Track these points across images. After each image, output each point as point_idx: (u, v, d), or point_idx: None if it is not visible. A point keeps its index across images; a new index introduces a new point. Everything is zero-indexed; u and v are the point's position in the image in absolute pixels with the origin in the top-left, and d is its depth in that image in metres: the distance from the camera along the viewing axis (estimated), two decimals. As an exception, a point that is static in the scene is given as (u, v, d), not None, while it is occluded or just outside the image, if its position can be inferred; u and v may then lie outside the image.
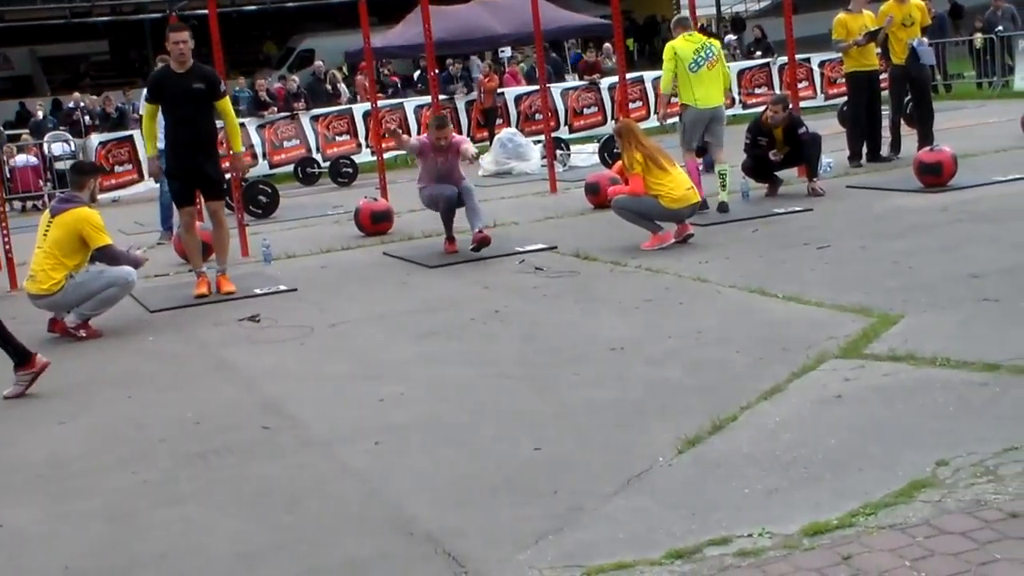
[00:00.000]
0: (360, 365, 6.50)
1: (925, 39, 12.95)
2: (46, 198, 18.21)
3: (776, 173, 11.50)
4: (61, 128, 20.91)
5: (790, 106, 11.35)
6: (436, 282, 8.81)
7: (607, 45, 23.93)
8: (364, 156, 19.25)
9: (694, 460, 4.45)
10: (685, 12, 14.44)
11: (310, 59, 29.20)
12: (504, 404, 5.48)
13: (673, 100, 11.57)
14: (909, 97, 13.30)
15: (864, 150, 12.93)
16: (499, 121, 20.51)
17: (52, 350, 7.71)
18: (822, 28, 15.97)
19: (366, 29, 13.05)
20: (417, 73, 25.98)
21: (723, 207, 10.46)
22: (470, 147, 9.96)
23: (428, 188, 9.97)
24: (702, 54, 10.70)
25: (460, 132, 20.00)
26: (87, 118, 21.20)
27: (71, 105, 21.49)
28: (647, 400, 5.29)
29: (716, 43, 11.11)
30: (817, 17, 27.76)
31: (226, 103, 9.15)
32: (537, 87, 17.90)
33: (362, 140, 19.71)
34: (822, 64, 22.45)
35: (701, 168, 11.33)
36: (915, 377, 5.16)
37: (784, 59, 16.65)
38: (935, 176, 10.65)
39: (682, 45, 10.75)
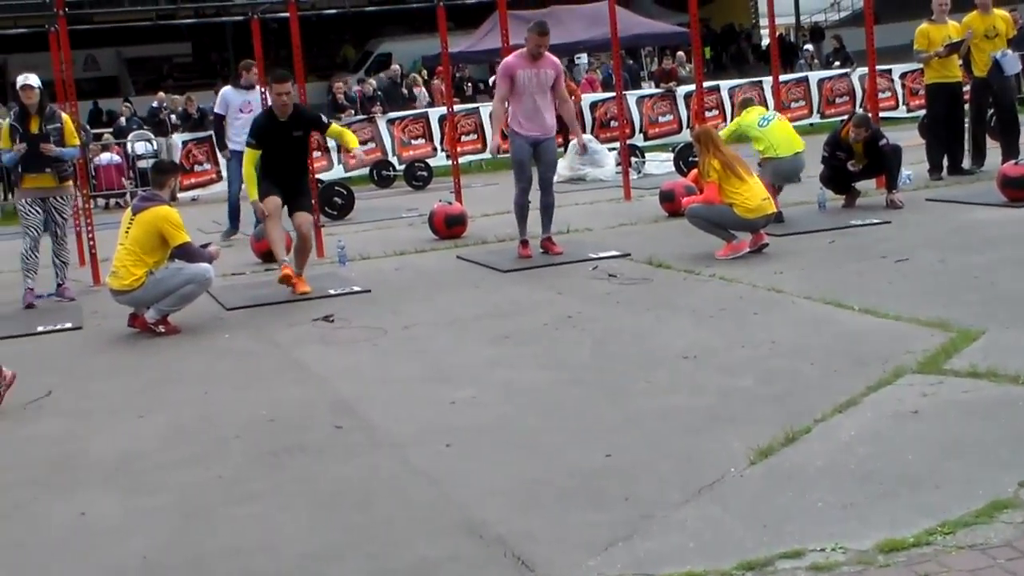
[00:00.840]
0: (432, 368, 6.53)
1: (1010, 50, 12.72)
2: (128, 196, 18.56)
3: (854, 184, 11.36)
4: (145, 127, 21.23)
5: (872, 127, 11.17)
6: (509, 287, 8.83)
7: (680, 53, 23.79)
8: (439, 160, 19.34)
9: (766, 471, 4.40)
10: (757, 21, 14.30)
11: (387, 63, 29.39)
12: (575, 409, 5.47)
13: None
14: (993, 110, 13.07)
15: (945, 163, 12.74)
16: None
17: (132, 345, 7.86)
18: (904, 38, 15.79)
19: (444, 34, 13.11)
20: (492, 79, 26.02)
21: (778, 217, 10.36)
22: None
23: (514, 143, 9.73)
24: (766, 115, 10.66)
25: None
26: (172, 117, 21.52)
27: (155, 105, 21.83)
28: (719, 409, 5.25)
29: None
30: (899, 27, 27.38)
31: (335, 127, 9.45)
32: (613, 94, 17.88)
33: (437, 144, 19.80)
34: (903, 75, 22.14)
35: None
36: (996, 394, 5.06)
37: (864, 69, 16.45)
38: (1019, 190, 10.44)
39: (745, 117, 10.73)
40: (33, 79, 9.66)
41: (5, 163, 9.96)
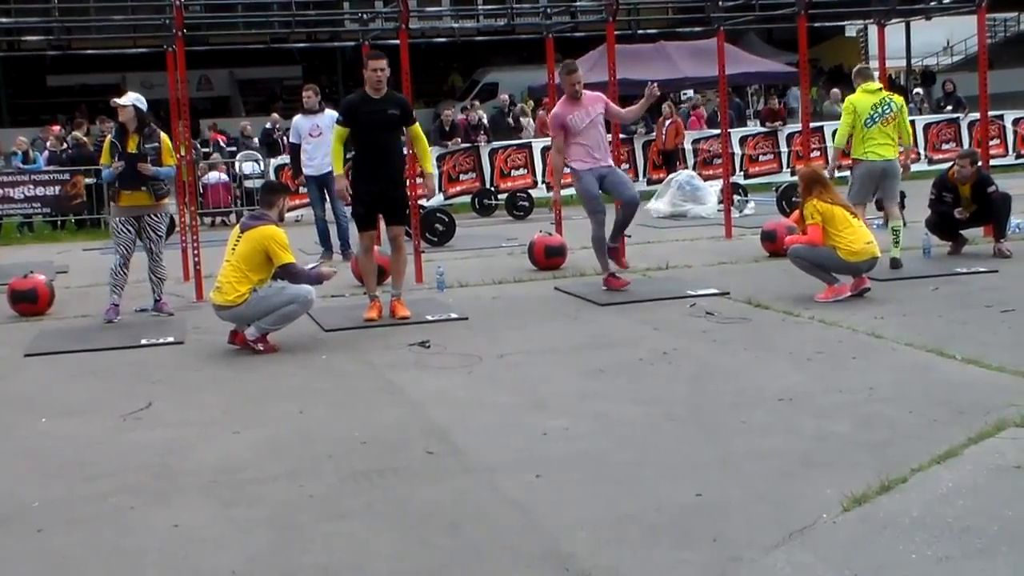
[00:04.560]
0: (526, 397, 6.54)
1: None
2: (234, 215, 18.93)
3: (961, 231, 11.15)
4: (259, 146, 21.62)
5: (979, 162, 10.99)
6: (606, 320, 8.82)
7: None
8: (541, 191, 19.40)
9: (860, 519, 4.33)
10: (868, 64, 14.11)
11: (493, 92, 29.66)
12: (668, 446, 5.44)
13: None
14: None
15: (1057, 212, 12.45)
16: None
17: (231, 361, 8.00)
18: (1018, 85, 15.51)
19: (551, 65, 13.19)
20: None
21: (896, 263, 10.16)
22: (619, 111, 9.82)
23: (583, 179, 9.64)
24: (880, 109, 10.51)
25: (636, 175, 19.99)
26: (285, 139, 21.90)
27: (269, 126, 22.27)
28: (814, 453, 5.18)
29: (898, 98, 10.79)
30: (1014, 74, 26.92)
31: (417, 128, 9.30)
32: (715, 131, 17.80)
33: (538, 175, 19.87)
34: (1016, 122, 21.71)
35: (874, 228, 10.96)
36: (1102, 452, 4.93)
37: (975, 115, 16.16)
38: None
39: (860, 99, 10.60)
40: (125, 98, 9.74)
41: (104, 179, 10.21)
